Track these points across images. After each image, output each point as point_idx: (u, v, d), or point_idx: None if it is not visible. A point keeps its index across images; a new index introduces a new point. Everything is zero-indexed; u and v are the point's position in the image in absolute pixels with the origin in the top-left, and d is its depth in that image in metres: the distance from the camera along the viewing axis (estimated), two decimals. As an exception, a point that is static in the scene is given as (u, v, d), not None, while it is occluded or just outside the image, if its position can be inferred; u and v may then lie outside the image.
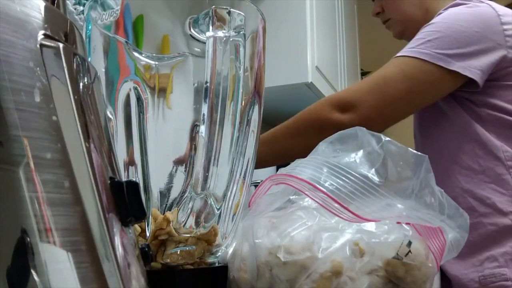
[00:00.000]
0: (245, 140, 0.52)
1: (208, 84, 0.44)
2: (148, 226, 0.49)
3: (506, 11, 0.91)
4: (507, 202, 0.86)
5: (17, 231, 0.21)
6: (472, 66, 0.85)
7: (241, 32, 0.47)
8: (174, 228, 0.47)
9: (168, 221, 0.48)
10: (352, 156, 0.51)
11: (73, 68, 0.27)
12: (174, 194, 0.53)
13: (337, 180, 0.47)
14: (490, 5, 0.91)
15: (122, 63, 0.53)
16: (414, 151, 0.51)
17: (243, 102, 0.50)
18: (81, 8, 0.78)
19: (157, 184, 0.52)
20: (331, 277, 0.43)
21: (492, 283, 0.84)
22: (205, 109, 0.44)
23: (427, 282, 0.46)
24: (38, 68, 0.25)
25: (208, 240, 0.50)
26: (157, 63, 0.53)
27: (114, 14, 0.52)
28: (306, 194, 0.49)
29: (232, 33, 0.46)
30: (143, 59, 0.53)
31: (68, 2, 0.78)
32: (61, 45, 0.26)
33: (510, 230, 0.85)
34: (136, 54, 0.52)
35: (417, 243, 0.46)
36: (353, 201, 0.46)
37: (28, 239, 0.21)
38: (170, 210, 0.51)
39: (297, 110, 2.04)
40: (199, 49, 0.52)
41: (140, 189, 0.30)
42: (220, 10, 0.45)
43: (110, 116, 0.51)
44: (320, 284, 0.43)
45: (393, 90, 0.86)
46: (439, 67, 0.85)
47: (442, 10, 0.94)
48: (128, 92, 0.51)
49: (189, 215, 0.45)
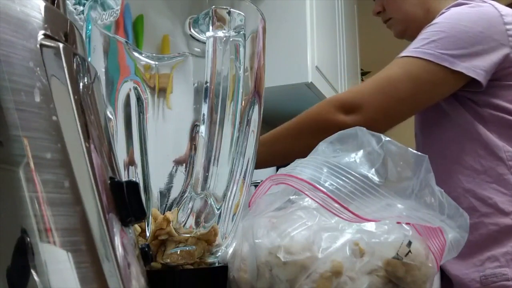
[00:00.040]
0: (245, 140, 0.52)
1: (208, 84, 0.44)
2: (148, 226, 0.49)
3: (509, 11, 0.91)
4: (509, 202, 0.86)
5: (17, 231, 0.21)
6: (476, 67, 0.85)
7: (241, 32, 0.47)
8: (174, 228, 0.47)
9: (168, 221, 0.48)
10: (352, 156, 0.51)
11: (73, 68, 0.27)
12: (174, 194, 0.53)
13: (337, 180, 0.47)
14: (493, 5, 0.91)
15: (122, 63, 0.53)
16: (414, 151, 0.51)
17: (243, 102, 0.50)
18: (81, 8, 0.78)
19: (157, 184, 0.52)
20: (331, 277, 0.43)
21: (493, 283, 0.84)
22: (205, 109, 0.44)
23: (427, 282, 0.46)
24: (38, 68, 0.25)
25: (208, 240, 0.50)
26: (157, 63, 0.53)
27: (114, 14, 0.52)
28: (306, 194, 0.49)
29: (232, 33, 0.46)
30: (143, 59, 0.53)
31: (68, 2, 0.78)
32: (61, 45, 0.26)
33: (511, 230, 0.85)
34: (136, 54, 0.52)
35: (417, 243, 0.46)
36: (353, 201, 0.46)
37: (28, 239, 0.21)
38: (170, 210, 0.51)
39: (297, 110, 2.04)
40: (199, 49, 0.52)
41: (140, 189, 0.30)
42: (220, 10, 0.45)
43: (110, 116, 0.51)
44: (320, 284, 0.43)
45: (398, 91, 0.85)
46: (444, 68, 0.84)
47: (445, 10, 0.93)
48: (128, 92, 0.51)
49: (189, 215, 0.45)
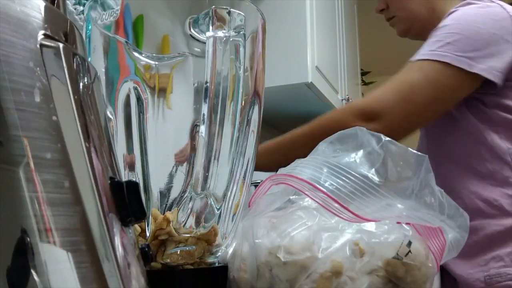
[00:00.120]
0: (245, 140, 0.52)
1: (208, 84, 0.44)
2: (148, 226, 0.49)
3: None
4: None
5: (17, 231, 0.21)
6: (493, 68, 0.85)
7: (241, 32, 0.47)
8: (174, 228, 0.47)
9: (168, 221, 0.48)
10: (352, 156, 0.51)
11: (73, 68, 0.27)
12: (174, 194, 0.53)
13: (337, 180, 0.47)
14: (501, 6, 0.91)
15: (122, 63, 0.53)
16: (414, 151, 0.51)
17: (243, 102, 0.50)
18: (81, 8, 0.78)
19: (157, 184, 0.52)
20: (331, 277, 0.43)
21: (498, 283, 0.84)
22: (205, 109, 0.44)
23: (427, 282, 0.46)
24: (38, 68, 0.25)
25: (208, 240, 0.50)
26: (157, 63, 0.53)
27: (114, 14, 0.52)
28: (306, 194, 0.49)
29: (232, 33, 0.46)
30: (143, 59, 0.53)
31: (68, 2, 0.78)
32: (61, 45, 0.26)
33: None
34: (136, 54, 0.52)
35: (417, 243, 0.46)
36: (353, 201, 0.46)
37: (28, 239, 0.21)
38: (170, 210, 0.51)
39: (297, 110, 2.05)
40: (199, 49, 0.52)
41: (140, 189, 0.30)
42: (220, 10, 0.45)
43: (110, 116, 0.51)
44: (320, 284, 0.43)
45: (419, 97, 0.84)
46: (461, 70, 0.84)
47: (453, 9, 0.92)
48: (128, 92, 0.51)
49: (189, 215, 0.45)
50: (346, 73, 2.22)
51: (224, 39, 0.44)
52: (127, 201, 0.28)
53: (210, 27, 0.45)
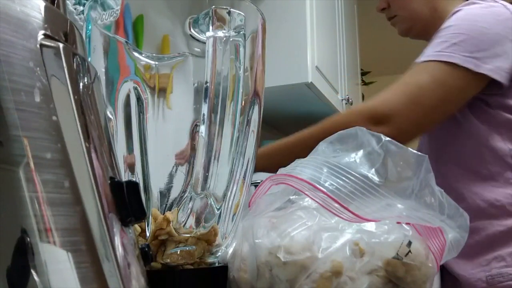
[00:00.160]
0: (245, 140, 0.52)
1: (208, 84, 0.44)
2: (148, 226, 0.49)
3: None
4: None
5: (17, 231, 0.21)
6: (500, 68, 0.85)
7: (241, 32, 0.47)
8: (174, 228, 0.47)
9: (168, 221, 0.48)
10: (352, 156, 0.51)
11: (73, 68, 0.27)
12: (174, 194, 0.53)
13: (337, 180, 0.47)
14: (505, 6, 0.91)
15: (122, 63, 0.53)
16: (414, 151, 0.51)
17: (243, 102, 0.50)
18: (81, 8, 0.78)
19: (157, 184, 0.52)
20: (331, 277, 0.43)
21: (500, 283, 0.84)
22: (205, 109, 0.44)
23: (427, 282, 0.46)
24: (38, 68, 0.25)
25: (208, 240, 0.50)
26: (157, 63, 0.53)
27: (114, 14, 0.52)
28: (306, 194, 0.49)
29: (232, 33, 0.46)
30: (143, 59, 0.53)
31: (68, 2, 0.78)
32: (61, 45, 0.26)
33: None
34: (136, 54, 0.52)
35: (417, 243, 0.46)
36: (353, 201, 0.46)
37: (28, 239, 0.21)
38: (170, 210, 0.51)
39: (297, 110, 2.04)
40: (199, 49, 0.52)
41: (140, 189, 0.30)
42: (220, 10, 0.45)
43: (110, 116, 0.51)
44: (320, 284, 0.43)
45: (428, 100, 0.84)
46: (468, 71, 0.83)
47: (457, 9, 0.92)
48: (128, 92, 0.51)
49: (189, 215, 0.45)
50: (346, 73, 2.22)
51: (224, 39, 0.44)
52: (127, 201, 0.28)
53: (210, 27, 0.45)
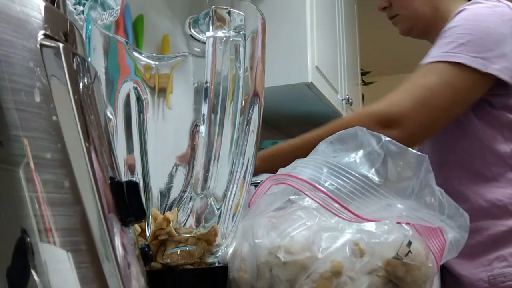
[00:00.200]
0: (245, 140, 0.52)
1: (208, 84, 0.44)
2: (148, 226, 0.49)
3: None
4: None
5: (17, 231, 0.21)
6: (507, 68, 0.84)
7: (241, 32, 0.47)
8: (174, 228, 0.47)
9: (168, 221, 0.48)
10: (352, 156, 0.51)
11: (73, 68, 0.27)
12: (174, 194, 0.53)
13: (337, 180, 0.47)
14: (509, 6, 0.91)
15: (122, 63, 0.53)
16: (414, 151, 0.51)
17: (243, 102, 0.50)
18: (81, 8, 0.78)
19: (157, 184, 0.52)
20: (331, 277, 0.43)
21: (502, 283, 0.84)
22: (205, 109, 0.44)
23: (427, 282, 0.46)
24: (38, 68, 0.25)
25: (208, 240, 0.50)
26: (157, 63, 0.53)
27: (114, 14, 0.52)
28: (306, 194, 0.49)
29: (232, 33, 0.46)
30: (143, 59, 0.53)
31: (68, 2, 0.78)
32: (61, 45, 0.26)
33: None
34: (136, 54, 0.52)
35: (417, 243, 0.46)
36: (353, 201, 0.46)
37: (28, 239, 0.21)
38: (170, 210, 0.51)
39: (297, 110, 2.04)
40: (199, 49, 0.52)
41: (140, 189, 0.30)
42: (220, 10, 0.45)
43: (110, 116, 0.51)
44: (320, 284, 0.43)
45: (437, 102, 0.83)
46: (476, 71, 0.83)
47: (462, 8, 0.91)
48: (128, 92, 0.51)
49: (189, 215, 0.45)
50: (346, 73, 2.22)
51: (224, 39, 0.44)
52: (127, 201, 0.28)
53: (210, 27, 0.45)
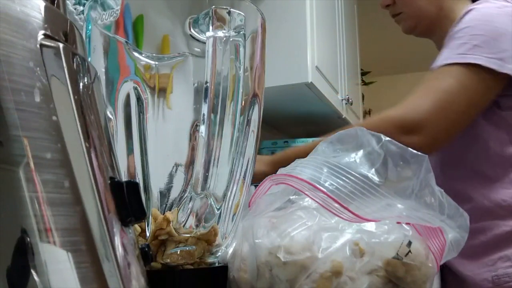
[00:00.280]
0: (245, 140, 0.52)
1: (208, 84, 0.44)
2: (148, 226, 0.49)
3: None
4: None
5: (17, 231, 0.21)
6: None
7: (241, 32, 0.47)
8: (174, 228, 0.47)
9: (168, 221, 0.48)
10: (352, 156, 0.51)
11: (73, 68, 0.27)
12: (174, 194, 0.53)
13: (337, 180, 0.47)
14: None
15: (122, 63, 0.53)
16: (414, 151, 0.51)
17: (243, 102, 0.50)
18: (81, 8, 0.78)
19: (157, 184, 0.52)
20: (331, 277, 0.43)
21: (506, 283, 0.83)
22: (205, 109, 0.44)
23: (427, 282, 0.46)
24: (38, 68, 0.25)
25: (208, 240, 0.50)
26: (157, 63, 0.53)
27: (114, 14, 0.52)
28: (306, 194, 0.49)
29: (232, 33, 0.46)
30: (143, 59, 0.53)
31: (68, 2, 0.78)
32: (61, 45, 0.26)
33: None
34: (136, 54, 0.52)
35: (417, 243, 0.46)
36: (353, 201, 0.46)
37: (28, 239, 0.21)
38: (170, 210, 0.51)
39: (297, 110, 2.04)
40: (199, 49, 0.52)
41: (140, 189, 0.30)
42: (220, 10, 0.45)
43: (110, 116, 0.51)
44: (320, 284, 0.43)
45: (456, 106, 0.83)
46: (492, 72, 0.83)
47: (470, 7, 0.91)
48: (128, 92, 0.51)
49: (189, 215, 0.45)
50: (346, 73, 2.22)
51: (224, 39, 0.45)
52: (127, 201, 0.28)
53: (210, 27, 0.45)
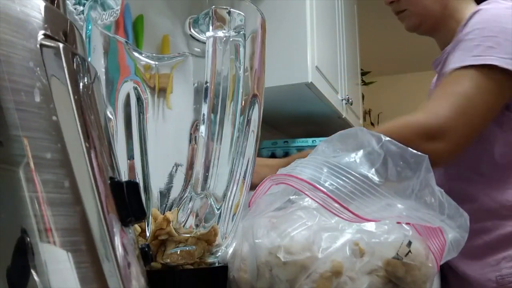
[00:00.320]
0: (245, 140, 0.52)
1: (208, 84, 0.44)
2: (148, 226, 0.49)
3: None
4: None
5: (17, 231, 0.21)
6: None
7: (241, 32, 0.47)
8: (174, 228, 0.47)
9: (168, 221, 0.48)
10: (352, 156, 0.51)
11: (73, 68, 0.27)
12: (174, 194, 0.53)
13: (337, 180, 0.47)
14: None
15: (122, 63, 0.53)
16: (414, 151, 0.51)
17: (243, 102, 0.50)
18: (81, 8, 0.78)
19: (157, 184, 0.52)
20: (331, 277, 0.43)
21: (510, 283, 0.83)
22: (205, 109, 0.44)
23: (427, 282, 0.46)
24: (38, 68, 0.25)
25: (208, 240, 0.50)
26: (157, 63, 0.53)
27: (114, 14, 0.52)
28: (306, 194, 0.49)
29: (232, 33, 0.46)
30: (143, 59, 0.53)
31: (68, 2, 0.78)
32: (61, 45, 0.26)
33: None
34: (136, 54, 0.52)
35: (417, 243, 0.46)
36: (353, 201, 0.46)
37: (28, 239, 0.21)
38: (170, 210, 0.51)
39: (297, 110, 2.03)
40: (199, 49, 0.52)
41: (140, 189, 0.30)
42: (220, 10, 0.45)
43: (110, 116, 0.51)
44: (320, 284, 0.43)
45: (476, 110, 0.83)
46: (507, 73, 0.82)
47: (479, 8, 0.91)
48: (128, 92, 0.51)
49: (189, 215, 0.45)
50: (346, 73, 2.22)
51: (224, 39, 0.45)
52: (127, 201, 0.28)
53: (210, 27, 0.45)
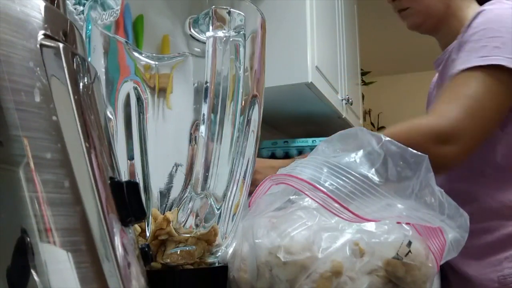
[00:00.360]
0: (245, 140, 0.52)
1: (208, 84, 0.44)
2: (148, 226, 0.49)
3: None
4: None
5: (17, 231, 0.21)
6: None
7: (241, 32, 0.47)
8: (174, 228, 0.47)
9: (168, 221, 0.48)
10: (352, 156, 0.51)
11: (73, 68, 0.27)
12: (174, 194, 0.53)
13: (337, 180, 0.47)
14: None
15: (122, 63, 0.53)
16: (414, 151, 0.51)
17: (243, 102, 0.50)
18: (81, 8, 0.78)
19: (157, 184, 0.52)
20: (331, 277, 0.43)
21: None
22: (205, 109, 0.44)
23: (427, 282, 0.46)
24: (38, 68, 0.25)
25: (208, 240, 0.50)
26: (157, 63, 0.53)
27: (114, 14, 0.52)
28: (306, 194, 0.49)
29: (232, 33, 0.46)
30: (143, 59, 0.53)
31: (68, 2, 0.78)
32: (61, 45, 0.26)
33: None
34: (136, 54, 0.52)
35: (417, 243, 0.46)
36: (353, 201, 0.46)
37: (28, 239, 0.21)
38: (170, 210, 0.51)
39: (297, 110, 2.03)
40: (199, 49, 0.52)
41: (140, 189, 0.30)
42: (220, 10, 0.45)
43: (110, 116, 0.51)
44: (320, 284, 0.43)
45: (485, 112, 0.83)
46: None
47: (482, 8, 0.90)
48: (128, 92, 0.51)
49: (189, 215, 0.45)
50: (346, 73, 2.22)
51: (224, 39, 0.45)
52: (127, 201, 0.28)
53: (210, 27, 0.45)
